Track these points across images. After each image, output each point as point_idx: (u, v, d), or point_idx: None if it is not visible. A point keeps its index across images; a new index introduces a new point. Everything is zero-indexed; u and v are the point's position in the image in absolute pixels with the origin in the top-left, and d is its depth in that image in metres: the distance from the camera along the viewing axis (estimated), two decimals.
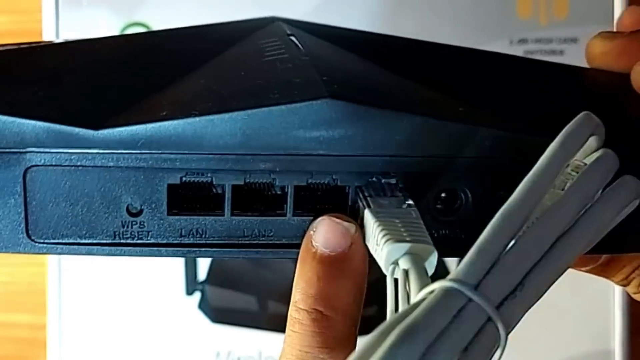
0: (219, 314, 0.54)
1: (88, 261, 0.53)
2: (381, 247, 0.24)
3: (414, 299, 0.22)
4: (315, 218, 0.27)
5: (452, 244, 0.27)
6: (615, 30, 0.32)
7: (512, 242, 0.21)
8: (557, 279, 0.21)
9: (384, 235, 0.24)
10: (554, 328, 0.53)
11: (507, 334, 0.20)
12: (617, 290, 0.52)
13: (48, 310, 0.53)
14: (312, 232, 0.26)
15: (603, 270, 0.32)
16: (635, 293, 0.33)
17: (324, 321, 0.26)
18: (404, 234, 0.24)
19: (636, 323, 0.53)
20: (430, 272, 0.24)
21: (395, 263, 0.24)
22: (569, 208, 0.22)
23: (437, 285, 0.20)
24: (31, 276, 0.57)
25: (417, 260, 0.23)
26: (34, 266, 0.57)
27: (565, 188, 0.23)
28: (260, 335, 0.54)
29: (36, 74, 0.28)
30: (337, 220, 0.26)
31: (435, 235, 0.27)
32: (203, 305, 0.54)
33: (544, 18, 0.52)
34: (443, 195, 0.27)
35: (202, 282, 0.54)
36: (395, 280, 0.24)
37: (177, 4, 0.53)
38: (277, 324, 0.53)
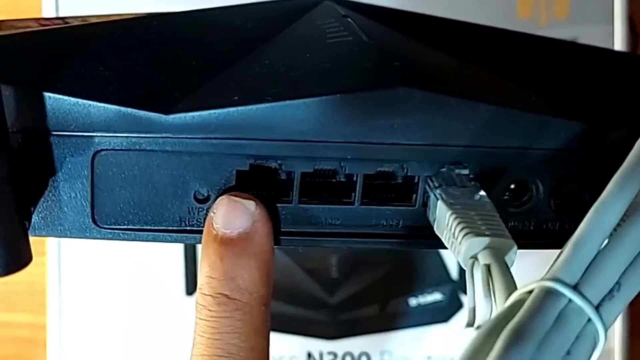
0: None
1: (88, 261, 0.52)
2: (459, 240, 0.24)
3: (500, 297, 0.21)
4: (380, 206, 0.26)
5: (521, 235, 0.27)
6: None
7: (607, 240, 0.21)
8: None
9: (462, 229, 0.24)
10: None
11: (607, 333, 0.19)
12: None
13: (48, 309, 0.53)
14: (212, 214, 0.25)
15: None
16: None
17: (230, 304, 0.25)
18: (483, 228, 0.24)
19: (636, 323, 0.53)
20: (510, 266, 0.23)
21: (475, 257, 0.23)
22: None
23: (536, 285, 0.19)
24: (31, 276, 0.56)
25: (498, 255, 0.23)
26: (33, 266, 0.56)
27: None
28: None
29: (99, 51, 0.27)
30: (236, 199, 0.25)
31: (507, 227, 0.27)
32: None
33: (544, 18, 0.52)
34: (514, 186, 0.27)
35: None
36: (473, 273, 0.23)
37: (180, 4, 0.52)
38: (276, 323, 0.53)
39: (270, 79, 0.26)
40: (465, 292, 0.53)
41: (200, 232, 0.26)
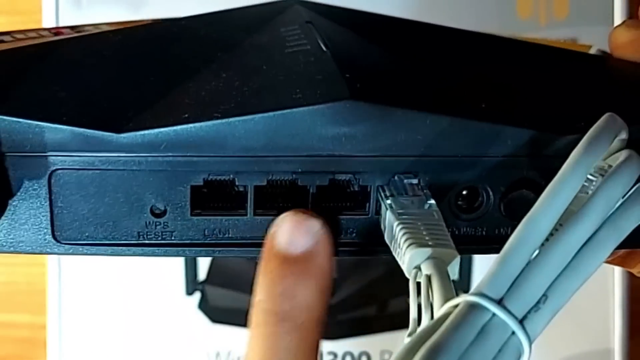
0: (219, 314, 0.54)
1: (88, 261, 0.53)
2: (403, 251, 0.24)
3: (437, 308, 0.22)
4: (332, 216, 0.27)
5: (474, 241, 0.28)
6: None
7: (537, 252, 0.21)
8: (580, 286, 0.21)
9: (406, 240, 0.24)
10: (554, 327, 0.53)
11: (531, 344, 0.20)
12: (617, 289, 0.53)
13: (48, 310, 0.53)
14: (274, 230, 0.26)
15: (622, 262, 0.32)
16: None
17: (287, 324, 0.25)
18: (427, 238, 0.24)
19: (636, 323, 0.54)
20: (453, 276, 0.24)
21: (418, 267, 0.24)
22: (594, 215, 0.22)
23: (462, 299, 0.20)
24: (31, 276, 0.58)
25: (440, 265, 0.23)
26: (33, 266, 0.57)
27: (589, 192, 0.23)
28: None
29: (55, 71, 0.27)
30: (301, 217, 0.25)
31: (457, 232, 0.27)
32: (203, 305, 0.54)
33: (544, 18, 0.52)
34: (465, 193, 0.27)
35: (202, 282, 0.54)
36: (418, 284, 0.24)
37: (178, 5, 0.52)
38: None
39: (223, 94, 0.27)
40: (465, 292, 0.54)
41: (158, 245, 0.27)
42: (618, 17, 0.52)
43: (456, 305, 0.20)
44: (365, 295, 0.53)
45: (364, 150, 0.26)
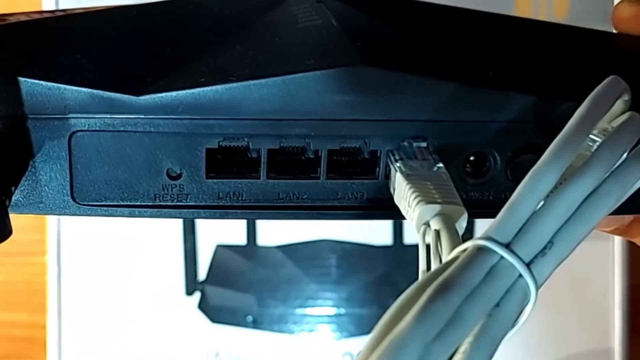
0: (219, 314, 0.55)
1: (88, 260, 0.54)
2: (413, 208, 0.25)
3: (446, 257, 0.22)
4: (345, 180, 0.28)
5: (482, 205, 0.28)
6: None
7: (542, 203, 0.22)
8: (584, 236, 0.22)
9: (415, 197, 0.25)
10: (554, 327, 0.54)
11: (537, 290, 0.21)
12: (617, 289, 0.53)
13: (48, 309, 0.54)
14: None
15: (625, 231, 0.33)
16: None
17: None
18: (435, 196, 0.25)
19: (636, 322, 0.54)
20: (461, 232, 0.25)
21: (427, 224, 0.25)
22: (596, 170, 0.23)
23: (470, 243, 0.21)
24: (30, 275, 0.58)
25: (448, 221, 0.24)
26: (33, 265, 0.58)
27: (592, 150, 0.24)
28: (260, 335, 0.54)
29: (77, 41, 0.28)
30: None
31: (465, 197, 0.28)
32: (203, 305, 0.55)
33: (544, 17, 0.53)
34: (472, 158, 0.28)
35: (202, 282, 0.55)
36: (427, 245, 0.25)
37: None
38: (277, 324, 0.54)
39: (238, 62, 0.27)
40: None
41: (174, 207, 0.27)
42: None
43: (464, 250, 0.21)
44: (365, 295, 0.54)
45: (374, 114, 0.27)
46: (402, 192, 0.26)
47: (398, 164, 0.27)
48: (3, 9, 0.52)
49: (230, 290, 0.55)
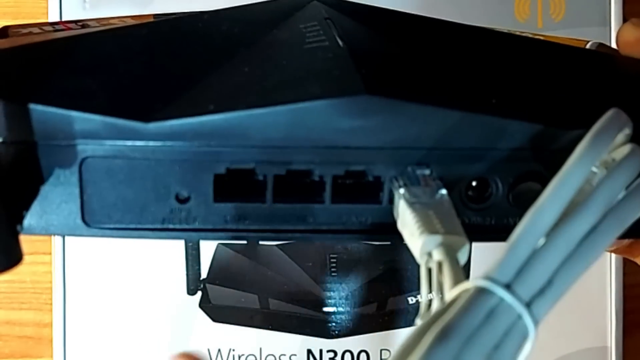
0: (220, 313, 0.55)
1: (93, 260, 0.54)
2: (416, 237, 0.26)
3: (447, 292, 0.23)
4: (349, 204, 0.28)
5: (483, 230, 0.29)
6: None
7: (542, 240, 0.22)
8: (584, 272, 0.22)
9: (418, 227, 0.26)
10: (551, 326, 0.54)
11: (536, 328, 0.21)
12: (614, 287, 0.54)
13: (53, 308, 0.54)
14: None
15: (626, 251, 0.33)
16: None
17: None
18: (438, 226, 0.26)
19: (632, 320, 0.54)
20: (463, 262, 0.25)
21: (429, 254, 0.25)
22: (597, 206, 0.23)
23: (471, 284, 0.21)
24: (36, 274, 0.58)
25: (450, 252, 0.25)
26: (38, 264, 0.58)
27: (594, 184, 0.25)
28: (262, 334, 0.55)
29: (86, 64, 0.29)
30: None
31: (467, 221, 0.29)
32: (204, 304, 0.55)
33: (541, 20, 0.53)
34: (475, 184, 0.28)
35: (203, 281, 0.55)
36: (429, 270, 0.25)
37: (183, 5, 0.53)
38: (278, 323, 0.54)
39: (246, 87, 0.28)
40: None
41: (182, 230, 0.28)
42: (614, 19, 0.52)
43: (466, 290, 0.21)
44: (365, 294, 0.54)
45: (378, 142, 0.27)
46: (406, 220, 0.27)
47: (401, 191, 0.27)
48: (10, 14, 0.52)
49: (232, 289, 0.55)
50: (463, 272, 0.24)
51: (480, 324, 0.20)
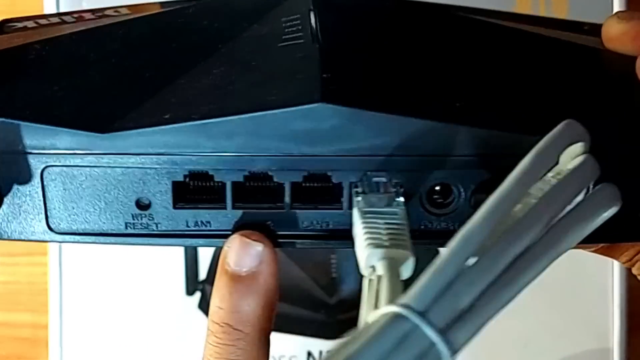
0: None
1: (89, 261, 0.54)
2: (362, 249, 0.26)
3: (380, 308, 0.23)
4: (308, 209, 0.28)
5: (446, 236, 0.28)
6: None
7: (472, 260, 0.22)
8: (512, 299, 0.22)
9: (366, 239, 0.26)
10: (554, 327, 0.53)
11: (454, 354, 0.21)
12: (616, 289, 0.53)
13: (49, 309, 0.55)
14: (226, 248, 0.28)
15: (607, 252, 0.33)
16: (639, 274, 0.33)
17: (233, 334, 0.28)
18: (384, 239, 0.26)
19: (635, 322, 0.53)
20: (406, 276, 0.25)
21: (373, 267, 0.25)
22: (531, 224, 0.23)
23: (391, 309, 0.21)
24: (32, 275, 0.58)
25: (393, 266, 0.25)
26: (35, 265, 0.58)
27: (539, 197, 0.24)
28: None
29: (48, 71, 0.29)
30: (247, 240, 0.28)
31: (430, 226, 0.29)
32: (203, 305, 0.55)
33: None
34: (438, 189, 0.28)
35: (202, 282, 0.56)
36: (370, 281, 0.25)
37: None
38: (277, 323, 0.54)
39: (206, 94, 0.28)
40: None
41: (145, 235, 0.29)
42: None
43: (385, 314, 0.21)
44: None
45: (335, 150, 0.27)
46: (356, 229, 0.27)
47: (358, 198, 0.27)
48: (4, 13, 0.53)
49: None
50: (402, 287, 0.24)
51: (390, 349, 0.20)
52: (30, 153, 0.27)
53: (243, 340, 0.28)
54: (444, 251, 0.22)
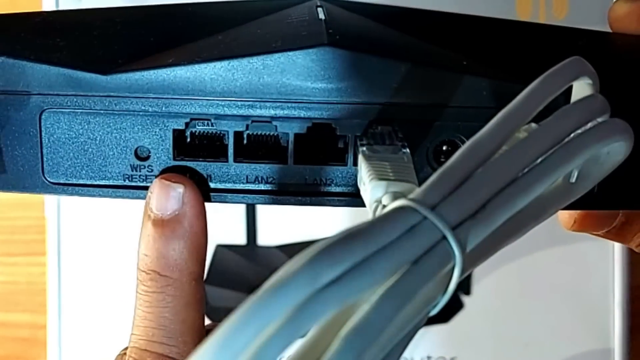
0: (218, 314, 0.55)
1: (88, 261, 0.54)
2: (366, 186, 0.25)
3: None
4: (313, 165, 0.28)
5: None
6: None
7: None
8: (522, 204, 0.21)
9: (369, 174, 0.25)
10: (554, 327, 0.53)
11: (463, 253, 0.20)
12: (617, 289, 0.52)
13: (48, 309, 0.54)
14: (148, 195, 0.27)
15: (618, 235, 0.32)
16: None
17: (161, 280, 0.27)
18: (390, 174, 0.25)
19: (636, 321, 0.53)
20: None
21: (379, 201, 0.24)
22: (540, 142, 0.22)
23: (396, 204, 0.20)
24: (31, 276, 0.58)
25: (400, 198, 0.24)
26: (33, 266, 0.58)
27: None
28: None
29: (60, 27, 0.29)
30: (166, 182, 0.27)
31: None
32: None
33: (543, 17, 0.52)
34: (442, 143, 0.28)
35: None
36: None
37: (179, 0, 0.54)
38: None
39: (211, 46, 0.28)
40: (465, 292, 0.54)
41: (144, 188, 0.28)
42: None
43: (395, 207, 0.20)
44: None
45: (340, 96, 0.27)
46: (362, 174, 0.26)
47: (363, 148, 0.27)
48: (3, 8, 0.53)
49: (230, 290, 0.54)
50: None
51: (397, 237, 0.19)
52: (30, 94, 0.27)
53: (172, 286, 0.27)
54: (452, 156, 0.22)
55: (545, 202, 0.24)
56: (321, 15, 0.30)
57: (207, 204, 0.28)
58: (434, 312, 0.21)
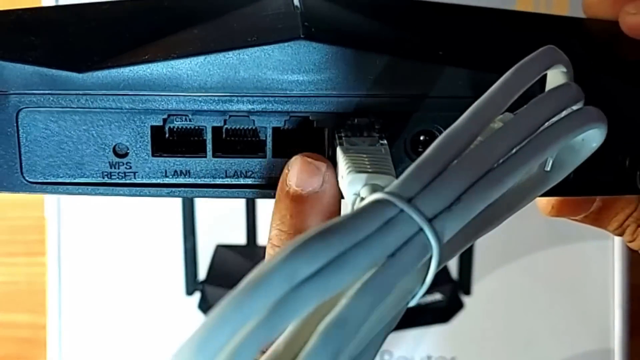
0: None
1: (88, 261, 0.54)
2: (344, 179, 0.25)
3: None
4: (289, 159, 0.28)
5: None
6: None
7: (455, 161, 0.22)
8: (496, 197, 0.22)
9: (347, 167, 0.25)
10: (554, 327, 0.53)
11: (440, 244, 0.20)
12: (617, 289, 0.53)
13: (48, 310, 0.54)
14: (287, 171, 0.27)
15: (596, 219, 0.32)
16: (630, 241, 0.33)
17: None
18: (367, 166, 0.25)
19: (636, 322, 0.53)
20: None
21: (357, 194, 0.24)
22: (514, 132, 0.22)
23: (372, 197, 0.21)
24: (31, 276, 0.58)
25: (378, 190, 0.24)
26: (33, 266, 0.58)
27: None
28: None
29: (36, 26, 0.29)
30: (310, 159, 0.27)
31: None
32: (203, 305, 0.55)
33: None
34: (419, 133, 0.28)
35: (202, 282, 0.55)
36: None
37: None
38: None
39: (186, 41, 0.28)
40: (465, 292, 0.54)
41: (123, 185, 0.28)
42: None
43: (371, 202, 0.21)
44: None
45: (316, 89, 0.27)
46: (340, 167, 0.26)
47: (341, 141, 0.27)
48: (4, 7, 0.53)
49: (230, 290, 0.54)
50: None
51: (374, 230, 0.19)
52: (6, 93, 0.27)
53: None
54: (427, 149, 0.22)
55: (521, 191, 0.24)
56: (297, 7, 0.30)
57: (207, 204, 0.28)
58: (412, 304, 0.21)
